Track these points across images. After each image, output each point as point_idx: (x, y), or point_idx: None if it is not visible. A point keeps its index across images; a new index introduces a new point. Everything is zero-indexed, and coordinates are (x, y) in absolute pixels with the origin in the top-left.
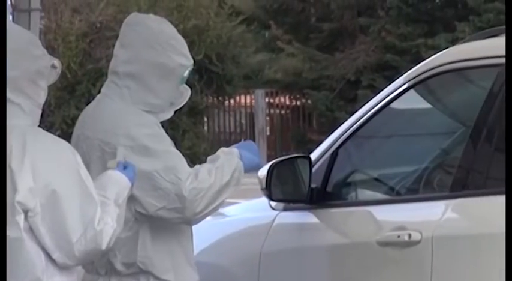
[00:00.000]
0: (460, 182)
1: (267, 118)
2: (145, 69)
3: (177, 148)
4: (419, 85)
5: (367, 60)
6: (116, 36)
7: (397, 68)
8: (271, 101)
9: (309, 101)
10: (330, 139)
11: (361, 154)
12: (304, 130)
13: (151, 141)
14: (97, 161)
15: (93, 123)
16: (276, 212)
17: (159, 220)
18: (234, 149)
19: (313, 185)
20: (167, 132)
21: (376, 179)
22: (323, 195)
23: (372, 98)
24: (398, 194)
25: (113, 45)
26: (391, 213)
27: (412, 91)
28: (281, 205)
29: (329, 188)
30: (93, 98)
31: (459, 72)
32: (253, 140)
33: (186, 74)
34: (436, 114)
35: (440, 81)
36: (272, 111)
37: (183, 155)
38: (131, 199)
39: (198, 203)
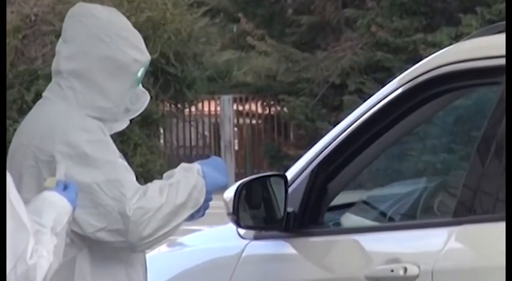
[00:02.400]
0: (465, 205)
1: (235, 129)
2: (92, 65)
3: None
4: (416, 90)
5: (355, 59)
6: (54, 31)
7: (390, 69)
8: (240, 108)
9: (285, 109)
10: (309, 154)
11: (347, 173)
12: (279, 143)
13: (92, 148)
14: (30, 171)
15: (29, 129)
16: (246, 241)
17: (100, 244)
18: (195, 165)
19: (289, 209)
20: (116, 146)
21: (365, 203)
22: (301, 221)
23: (360, 105)
24: (391, 220)
25: (51, 42)
26: (383, 243)
27: (407, 97)
28: (251, 233)
29: (308, 213)
30: (27, 104)
31: (463, 75)
32: (219, 155)
33: (140, 72)
34: (436, 125)
35: (441, 86)
36: (241, 120)
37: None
38: None
39: (145, 226)
